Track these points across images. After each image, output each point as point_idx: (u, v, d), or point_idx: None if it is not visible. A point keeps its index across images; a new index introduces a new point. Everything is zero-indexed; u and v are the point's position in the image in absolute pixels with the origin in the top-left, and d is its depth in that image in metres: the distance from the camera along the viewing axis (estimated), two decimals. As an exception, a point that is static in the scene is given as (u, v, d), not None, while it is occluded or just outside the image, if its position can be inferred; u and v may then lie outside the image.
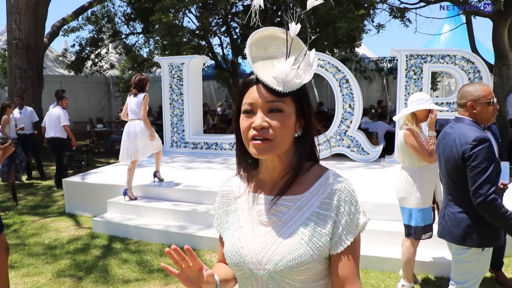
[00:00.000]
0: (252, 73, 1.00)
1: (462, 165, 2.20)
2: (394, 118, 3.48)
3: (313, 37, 1.04)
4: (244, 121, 1.00)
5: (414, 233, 3.15)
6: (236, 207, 1.11)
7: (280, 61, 0.99)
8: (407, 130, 3.12)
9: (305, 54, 1.00)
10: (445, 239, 2.39)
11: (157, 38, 10.18)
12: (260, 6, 1.00)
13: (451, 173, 2.30)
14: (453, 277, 2.41)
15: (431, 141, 3.08)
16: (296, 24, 0.99)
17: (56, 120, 7.32)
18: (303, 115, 1.03)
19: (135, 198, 5.18)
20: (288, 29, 0.99)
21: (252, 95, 0.99)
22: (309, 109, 1.04)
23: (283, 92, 0.96)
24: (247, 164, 1.10)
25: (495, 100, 2.33)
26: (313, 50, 1.03)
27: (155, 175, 5.52)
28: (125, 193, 5.16)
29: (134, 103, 5.17)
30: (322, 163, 1.11)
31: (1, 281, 2.76)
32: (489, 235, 2.23)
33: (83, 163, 8.63)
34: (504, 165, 2.88)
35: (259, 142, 0.97)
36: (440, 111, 3.62)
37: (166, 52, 9.55)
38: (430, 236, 3.17)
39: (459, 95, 2.38)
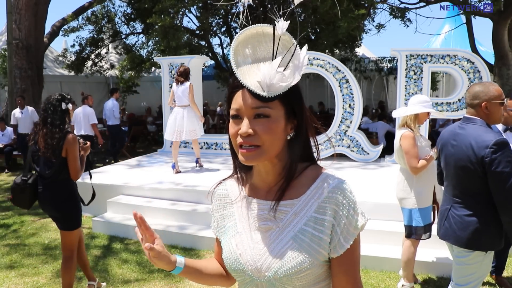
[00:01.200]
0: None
1: (479, 169, 2.12)
2: (394, 114, 3.45)
3: (303, 34, 1.01)
4: (231, 127, 0.97)
5: (415, 233, 3.15)
6: (232, 211, 1.09)
7: (266, 63, 0.95)
8: (408, 132, 3.12)
9: (293, 54, 0.96)
10: (448, 242, 2.35)
11: (156, 39, 10.17)
12: (249, 3, 0.97)
13: (462, 175, 2.24)
14: (454, 279, 2.39)
15: (427, 157, 3.08)
16: (284, 21, 0.94)
17: (84, 118, 7.82)
18: (295, 116, 0.99)
19: (180, 171, 6.10)
20: (275, 26, 0.95)
21: (238, 100, 0.96)
22: (301, 110, 0.99)
23: (268, 97, 0.93)
24: (240, 167, 1.08)
25: (505, 100, 2.29)
26: (304, 47, 0.99)
27: (197, 161, 6.41)
28: (173, 166, 6.08)
29: (180, 91, 5.89)
30: (321, 163, 1.08)
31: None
32: (494, 238, 2.21)
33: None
34: None
35: (245, 150, 0.94)
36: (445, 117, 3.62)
37: (165, 54, 9.55)
38: (430, 236, 3.17)
39: (471, 96, 2.28)
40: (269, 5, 10.01)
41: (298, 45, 0.97)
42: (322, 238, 0.96)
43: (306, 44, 1.01)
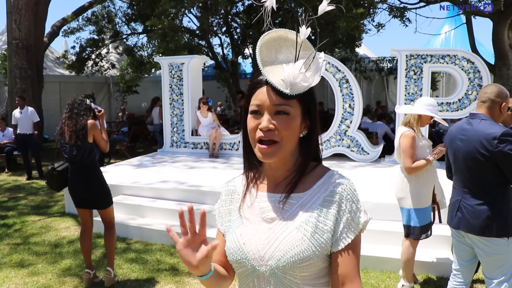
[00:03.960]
0: (260, 73, 1.01)
1: (489, 159, 2.26)
2: (398, 110, 3.46)
3: (323, 41, 1.06)
4: (251, 121, 1.02)
5: (413, 233, 3.15)
6: (239, 205, 1.12)
7: (289, 64, 1.01)
8: (409, 132, 3.12)
9: (313, 57, 1.02)
10: (462, 230, 2.44)
11: (156, 41, 10.19)
12: (272, 7, 1.01)
13: (472, 167, 2.36)
14: (487, 274, 2.40)
15: (424, 159, 3.10)
16: (306, 28, 1.01)
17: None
18: (309, 116, 1.05)
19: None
20: (298, 32, 1.01)
21: (259, 96, 1.01)
22: (315, 111, 1.06)
23: (289, 95, 0.98)
24: (253, 162, 1.12)
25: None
26: (322, 53, 1.05)
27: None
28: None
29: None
30: (324, 163, 1.13)
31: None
32: (507, 225, 2.28)
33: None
34: None
35: (264, 146, 0.99)
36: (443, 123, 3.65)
37: (165, 56, 9.56)
38: (428, 236, 3.18)
39: (495, 93, 2.39)
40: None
41: (316, 51, 1.03)
42: (325, 230, 1.00)
43: (323, 52, 1.07)
